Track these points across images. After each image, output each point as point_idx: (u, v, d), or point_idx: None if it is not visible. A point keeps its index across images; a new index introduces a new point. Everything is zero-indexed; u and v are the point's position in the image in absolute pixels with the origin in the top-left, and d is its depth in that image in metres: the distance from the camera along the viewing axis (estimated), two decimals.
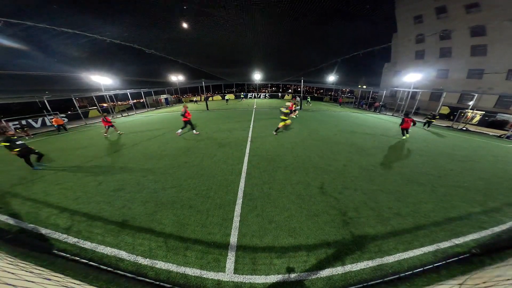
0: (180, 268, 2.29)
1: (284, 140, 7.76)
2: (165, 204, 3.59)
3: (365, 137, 8.58)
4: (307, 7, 8.09)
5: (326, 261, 2.38)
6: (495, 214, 3.38)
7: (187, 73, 25.72)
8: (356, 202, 3.64)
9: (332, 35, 12.07)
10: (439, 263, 2.35)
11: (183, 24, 9.38)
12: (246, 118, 13.18)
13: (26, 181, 4.77)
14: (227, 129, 9.82)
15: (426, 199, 3.80)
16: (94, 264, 2.33)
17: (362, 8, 8.64)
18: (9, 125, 11.88)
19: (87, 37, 8.69)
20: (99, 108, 18.31)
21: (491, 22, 15.21)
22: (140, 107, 25.85)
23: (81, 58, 11.92)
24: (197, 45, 13.22)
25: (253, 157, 5.89)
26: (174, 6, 7.20)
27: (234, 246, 2.62)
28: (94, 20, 7.92)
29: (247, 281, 2.13)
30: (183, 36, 10.80)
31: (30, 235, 2.87)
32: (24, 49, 8.78)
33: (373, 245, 2.62)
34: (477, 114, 15.20)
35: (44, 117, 15.19)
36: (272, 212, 3.32)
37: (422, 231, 2.91)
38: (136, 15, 7.85)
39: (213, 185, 4.25)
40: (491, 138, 10.11)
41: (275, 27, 9.95)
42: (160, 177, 4.68)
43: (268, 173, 4.81)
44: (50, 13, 6.86)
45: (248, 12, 8.15)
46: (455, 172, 5.12)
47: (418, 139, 8.74)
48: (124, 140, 8.55)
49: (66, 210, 3.43)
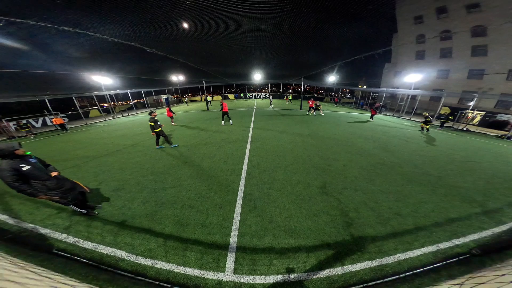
0: (180, 268, 2.29)
1: (284, 140, 7.77)
2: (165, 204, 3.59)
3: (365, 138, 8.57)
4: (308, 8, 8.10)
5: (326, 261, 2.38)
6: (495, 214, 3.38)
7: (187, 73, 25.75)
8: (356, 202, 3.63)
9: (332, 37, 12.07)
10: (439, 264, 2.35)
11: (184, 23, 9.39)
12: (247, 119, 13.18)
13: None
14: (228, 129, 9.82)
15: (426, 199, 3.80)
16: (94, 264, 2.33)
17: (364, 9, 8.63)
18: (9, 124, 11.90)
19: (88, 36, 8.68)
20: (99, 108, 18.33)
21: (492, 22, 15.20)
22: (140, 107, 25.91)
23: (82, 57, 11.91)
24: (198, 45, 13.21)
25: (253, 157, 5.90)
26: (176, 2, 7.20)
27: (234, 246, 2.62)
28: (95, 19, 7.91)
29: (247, 281, 2.13)
30: (184, 35, 10.80)
31: (30, 235, 2.87)
32: (25, 48, 8.79)
33: (373, 246, 2.62)
34: (478, 114, 15.19)
35: (45, 117, 15.24)
36: (272, 212, 3.32)
37: (422, 231, 2.91)
38: (138, 12, 7.84)
39: (213, 185, 4.25)
40: (491, 139, 10.10)
41: (276, 27, 9.95)
42: (160, 177, 4.68)
43: (268, 173, 4.81)
44: (52, 12, 6.85)
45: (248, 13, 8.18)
46: (455, 172, 5.12)
47: (418, 139, 8.74)
48: (124, 140, 8.56)
49: (66, 210, 3.43)
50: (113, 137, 9.31)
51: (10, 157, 2.41)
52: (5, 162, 2.37)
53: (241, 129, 9.79)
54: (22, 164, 2.45)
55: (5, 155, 2.39)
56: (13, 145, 2.45)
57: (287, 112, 16.91)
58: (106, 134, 10.21)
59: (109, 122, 15.13)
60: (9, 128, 11.78)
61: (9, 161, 2.39)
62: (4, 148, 2.37)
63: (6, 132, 11.64)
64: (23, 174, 2.44)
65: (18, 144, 2.50)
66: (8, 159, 2.40)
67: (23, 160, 2.51)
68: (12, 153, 2.41)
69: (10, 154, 2.41)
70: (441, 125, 12.63)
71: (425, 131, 10.52)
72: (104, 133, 10.39)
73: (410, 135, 9.64)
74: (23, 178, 2.46)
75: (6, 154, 2.39)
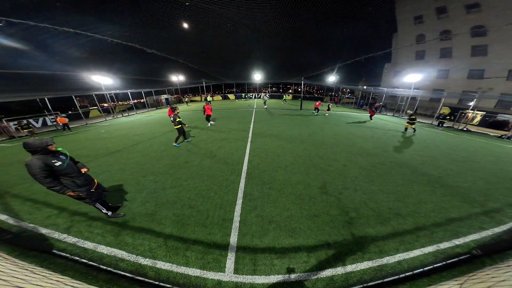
0: (180, 268, 2.29)
1: (284, 141, 7.76)
2: (165, 204, 3.59)
3: (365, 138, 8.57)
4: (309, 9, 8.10)
5: (327, 261, 2.38)
6: (496, 214, 3.37)
7: (187, 73, 25.77)
8: (356, 202, 3.63)
9: (333, 39, 12.10)
10: (440, 264, 2.34)
11: (184, 23, 9.40)
12: (247, 119, 13.18)
13: (26, 181, 4.77)
14: (228, 129, 9.82)
15: (426, 199, 3.80)
16: (94, 264, 2.33)
17: (364, 10, 8.64)
18: (10, 124, 11.90)
19: (88, 36, 8.69)
20: (99, 108, 18.32)
21: (492, 22, 15.19)
22: (140, 107, 25.90)
23: (82, 58, 11.92)
24: (197, 45, 13.24)
25: (253, 157, 5.89)
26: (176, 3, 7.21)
27: (234, 246, 2.61)
28: (95, 20, 7.92)
29: (247, 282, 2.13)
30: (184, 35, 10.82)
31: (30, 235, 2.87)
32: (25, 48, 8.80)
33: (373, 246, 2.62)
34: (478, 114, 15.19)
35: (45, 117, 15.23)
36: (272, 212, 3.32)
37: (422, 231, 2.91)
38: (137, 13, 7.85)
39: (213, 185, 4.25)
40: (491, 139, 10.10)
41: (277, 28, 9.98)
42: (160, 177, 4.68)
43: (268, 173, 4.81)
44: (52, 12, 6.86)
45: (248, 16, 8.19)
46: (456, 172, 5.11)
47: (418, 139, 8.73)
48: (124, 140, 8.56)
49: (66, 210, 3.43)
50: (113, 137, 9.30)
51: (43, 152, 2.35)
52: (37, 157, 2.30)
53: (241, 129, 9.78)
54: (54, 160, 2.40)
55: (38, 151, 2.33)
56: (47, 140, 2.38)
57: (287, 112, 16.91)
58: (106, 134, 10.20)
59: (109, 122, 15.13)
60: (9, 128, 11.78)
61: (41, 156, 2.33)
62: (38, 144, 2.31)
63: (6, 132, 11.63)
64: (53, 170, 2.39)
65: (51, 140, 2.43)
66: (40, 155, 2.33)
67: (55, 156, 2.46)
68: (45, 149, 2.35)
69: (43, 150, 2.34)
70: (439, 124, 12.64)
71: (413, 132, 9.48)
72: (104, 133, 10.39)
73: (410, 135, 9.63)
74: (53, 174, 2.40)
75: (39, 150, 2.32)
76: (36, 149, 2.31)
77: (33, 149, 2.30)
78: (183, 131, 7.23)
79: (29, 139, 2.38)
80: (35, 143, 2.31)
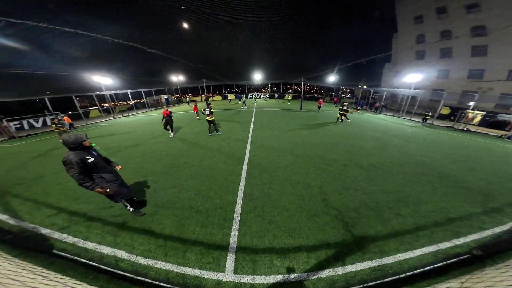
0: (180, 268, 2.28)
1: (284, 141, 7.76)
2: (165, 204, 3.59)
3: (365, 138, 8.57)
4: (310, 11, 8.13)
5: (327, 261, 2.37)
6: (496, 214, 3.37)
7: (187, 73, 25.78)
8: (356, 202, 3.63)
9: (334, 40, 12.16)
10: (440, 264, 2.34)
11: (184, 24, 9.43)
12: (247, 119, 13.18)
13: (26, 181, 4.78)
14: (228, 130, 9.81)
15: (426, 199, 3.79)
16: (94, 264, 2.33)
17: (364, 12, 8.67)
18: (10, 125, 11.90)
19: (88, 36, 8.70)
20: (99, 108, 18.31)
21: (492, 22, 15.18)
22: (140, 107, 25.88)
23: (82, 58, 11.96)
24: (197, 46, 13.28)
25: (253, 157, 5.89)
26: (173, 7, 7.23)
27: (234, 246, 2.61)
28: (95, 20, 7.94)
29: (247, 282, 2.13)
30: (183, 36, 10.85)
31: (30, 235, 2.87)
32: (26, 48, 8.81)
33: (374, 246, 2.61)
34: (478, 114, 15.18)
35: (45, 117, 15.21)
36: (272, 213, 3.32)
37: (423, 231, 2.90)
38: (137, 15, 7.88)
39: (213, 185, 4.25)
40: (492, 139, 10.09)
41: (278, 30, 10.00)
42: (160, 177, 4.67)
43: (268, 174, 4.81)
44: (52, 13, 6.88)
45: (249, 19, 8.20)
46: (456, 172, 5.11)
47: (418, 139, 8.73)
48: (124, 140, 8.56)
49: (66, 210, 3.43)
50: (113, 137, 9.31)
51: (79, 148, 2.36)
52: (74, 153, 2.31)
53: (241, 129, 9.78)
54: (88, 156, 2.42)
55: (75, 147, 2.33)
56: (82, 136, 2.40)
57: (287, 112, 16.90)
58: (106, 134, 10.21)
59: (109, 122, 15.13)
60: (9, 128, 11.78)
61: (78, 152, 2.34)
62: (74, 140, 2.32)
63: (6, 132, 11.64)
64: (87, 166, 2.40)
65: (85, 135, 2.45)
66: (77, 151, 2.35)
67: (89, 152, 2.48)
68: (80, 145, 2.36)
69: (79, 146, 2.35)
70: (423, 120, 14.22)
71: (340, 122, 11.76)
72: (104, 133, 10.40)
73: (411, 135, 9.64)
74: (86, 170, 2.42)
75: (75, 146, 2.33)
76: (71, 145, 2.33)
77: (69, 145, 2.33)
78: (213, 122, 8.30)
79: (65, 136, 2.40)
80: (71, 139, 2.33)
